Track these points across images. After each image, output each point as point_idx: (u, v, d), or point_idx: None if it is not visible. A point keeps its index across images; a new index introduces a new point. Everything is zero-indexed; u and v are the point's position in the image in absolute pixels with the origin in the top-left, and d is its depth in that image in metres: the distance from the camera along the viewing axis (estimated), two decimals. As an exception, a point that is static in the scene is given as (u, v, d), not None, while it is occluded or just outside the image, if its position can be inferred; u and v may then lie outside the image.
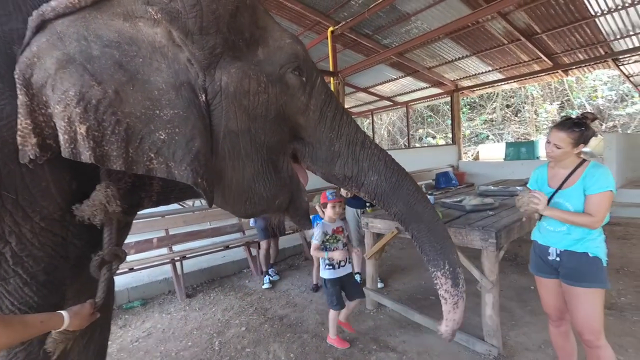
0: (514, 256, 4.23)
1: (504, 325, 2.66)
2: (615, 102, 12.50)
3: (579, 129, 1.66)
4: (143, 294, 3.84)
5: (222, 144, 1.07)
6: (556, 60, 6.92)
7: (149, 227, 4.00)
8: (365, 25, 6.30)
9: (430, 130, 14.27)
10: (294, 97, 1.21)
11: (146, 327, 3.17)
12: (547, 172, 1.87)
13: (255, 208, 1.23)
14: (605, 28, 5.75)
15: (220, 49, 1.02)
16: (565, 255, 1.73)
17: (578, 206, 1.68)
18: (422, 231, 1.36)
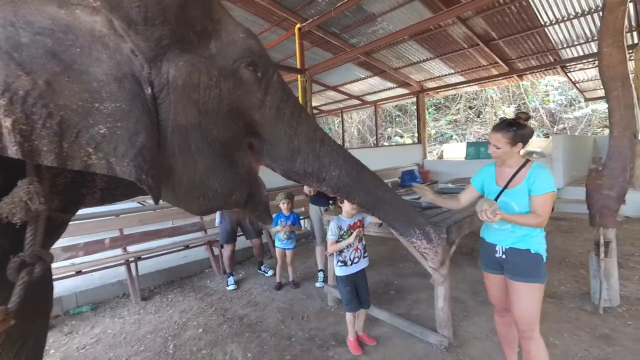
0: (471, 250, 4.42)
1: (456, 316, 2.79)
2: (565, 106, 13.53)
3: (512, 128, 1.75)
4: (93, 298, 3.62)
5: (171, 139, 1.03)
6: (512, 65, 7.34)
7: (100, 227, 3.79)
8: (333, 24, 6.33)
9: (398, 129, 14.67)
10: (249, 93, 1.19)
11: (95, 332, 2.99)
12: (494, 171, 1.94)
13: (210, 204, 1.20)
14: (554, 37, 6.18)
15: (168, 41, 0.97)
16: (510, 252, 1.81)
17: (523, 205, 1.76)
18: (388, 212, 1.52)
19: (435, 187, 4.24)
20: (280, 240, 3.61)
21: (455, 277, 3.58)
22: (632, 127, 2.74)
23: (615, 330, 2.49)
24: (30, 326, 1.19)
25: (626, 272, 3.44)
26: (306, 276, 3.98)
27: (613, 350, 2.26)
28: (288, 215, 3.61)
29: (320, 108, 11.73)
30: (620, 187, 2.78)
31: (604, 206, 2.81)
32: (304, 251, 4.93)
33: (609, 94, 2.79)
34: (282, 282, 3.71)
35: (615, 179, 2.77)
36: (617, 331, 2.47)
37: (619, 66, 2.70)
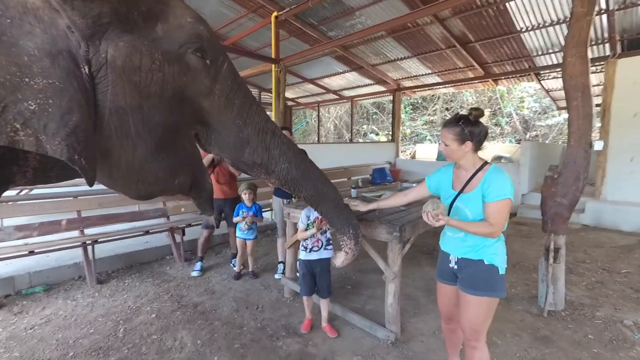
0: (431, 250, 4.53)
1: (407, 313, 2.88)
2: (538, 114, 13.96)
3: (458, 123, 1.63)
4: (47, 278, 3.55)
5: (109, 120, 1.01)
6: (487, 69, 7.48)
7: (57, 208, 3.68)
8: (311, 15, 6.27)
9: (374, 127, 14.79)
10: (196, 80, 1.18)
11: (45, 314, 2.95)
12: (452, 174, 1.81)
13: (149, 189, 1.20)
14: (529, 43, 6.31)
15: (108, 19, 0.95)
16: (463, 263, 1.70)
17: (477, 212, 1.63)
18: (330, 208, 1.64)
19: (399, 186, 4.35)
20: (241, 230, 3.63)
21: (413, 275, 3.69)
22: (588, 137, 2.77)
23: (556, 332, 2.58)
24: None
25: (575, 278, 3.59)
26: (267, 267, 4.02)
27: (550, 351, 2.35)
28: (250, 206, 3.62)
29: (297, 100, 11.63)
30: (572, 195, 2.79)
31: (556, 213, 2.85)
32: (268, 242, 4.98)
33: (569, 104, 2.80)
34: (242, 272, 3.74)
35: (569, 187, 2.79)
36: (556, 333, 2.57)
37: (581, 77, 2.70)
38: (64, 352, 2.40)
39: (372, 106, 14.45)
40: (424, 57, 7.32)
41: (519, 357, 2.30)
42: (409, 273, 3.70)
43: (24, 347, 2.45)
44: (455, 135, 1.64)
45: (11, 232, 3.32)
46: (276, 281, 3.58)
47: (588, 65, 2.73)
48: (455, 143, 1.64)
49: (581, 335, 2.55)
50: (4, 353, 2.39)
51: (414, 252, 4.40)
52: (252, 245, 3.71)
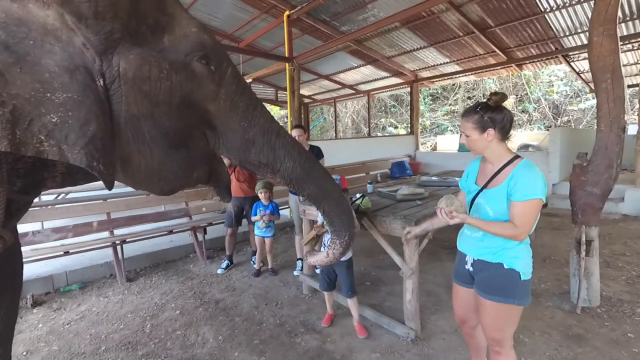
0: (453, 245, 4.28)
1: (427, 310, 2.82)
2: (570, 98, 13.11)
3: (475, 110, 1.50)
4: (83, 277, 3.78)
5: (125, 128, 1.09)
6: (510, 54, 7.14)
7: (89, 210, 3.91)
8: (323, 11, 6.22)
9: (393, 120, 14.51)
10: (202, 85, 1.24)
11: (81, 310, 3.15)
12: (478, 168, 1.65)
13: (171, 184, 1.29)
14: (555, 24, 5.94)
15: (119, 35, 1.02)
16: (479, 265, 1.56)
17: (499, 211, 1.47)
18: (332, 206, 1.61)
19: (418, 180, 4.27)
20: (259, 228, 3.71)
21: (434, 271, 3.62)
22: (620, 121, 2.58)
23: (590, 330, 2.43)
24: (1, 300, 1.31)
25: (613, 272, 3.37)
26: (285, 264, 4.08)
27: (583, 350, 2.22)
28: (267, 204, 3.68)
29: (313, 97, 11.61)
30: (605, 184, 2.61)
31: (587, 204, 2.68)
32: (287, 239, 5.05)
33: (597, 86, 2.63)
34: (261, 269, 3.83)
35: (600, 175, 2.61)
36: (591, 332, 2.42)
37: (610, 56, 2.51)
38: (97, 346, 2.57)
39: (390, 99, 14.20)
40: (441, 45, 7.10)
41: (548, 357, 2.17)
42: (429, 269, 3.64)
43: (62, 341, 2.64)
44: (475, 124, 1.48)
45: (49, 234, 3.57)
46: (295, 278, 3.63)
47: (617, 43, 2.53)
48: (475, 132, 1.49)
49: (619, 334, 2.38)
50: (45, 347, 2.58)
51: (435, 247, 4.32)
52: (270, 243, 3.78)
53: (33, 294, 3.36)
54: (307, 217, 3.23)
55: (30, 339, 2.68)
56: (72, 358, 2.44)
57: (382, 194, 3.39)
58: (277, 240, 4.90)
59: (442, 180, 4.06)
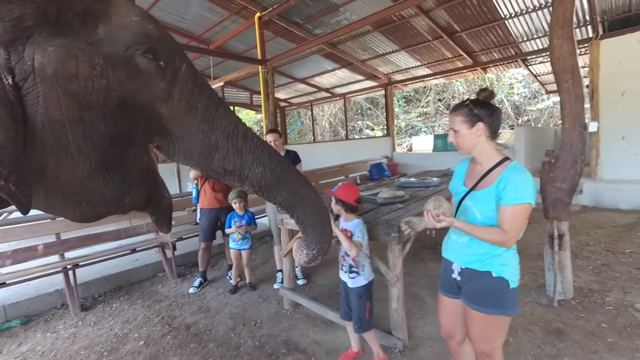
0: (435, 244, 4.35)
1: (413, 315, 2.71)
2: (529, 99, 13.95)
3: (464, 103, 1.44)
4: (27, 310, 3.28)
5: (41, 135, 0.86)
6: (476, 58, 7.41)
7: (33, 232, 3.41)
8: (295, 14, 6.13)
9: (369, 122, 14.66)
10: (150, 84, 1.04)
11: (22, 351, 2.69)
12: (466, 169, 1.59)
13: (96, 210, 1.05)
14: (514, 30, 6.25)
15: (32, 22, 0.82)
16: (466, 273, 1.47)
17: (488, 214, 1.40)
18: (307, 213, 1.45)
19: (397, 182, 4.15)
20: (234, 240, 3.41)
21: (417, 273, 3.51)
22: (582, 119, 2.73)
23: (568, 324, 2.47)
24: None
25: (580, 262, 3.49)
26: (265, 277, 3.80)
27: (565, 345, 2.23)
28: (242, 214, 3.40)
29: (290, 101, 11.48)
30: (572, 179, 2.73)
31: (557, 199, 2.76)
32: (266, 249, 4.75)
33: (560, 86, 2.76)
34: (238, 285, 3.51)
35: (567, 171, 2.72)
36: (569, 325, 2.46)
37: (569, 58, 2.67)
38: (39, 394, 2.16)
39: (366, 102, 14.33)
40: (412, 49, 7.21)
41: (533, 356, 2.17)
42: (411, 270, 3.53)
43: (-5, 393, 2.21)
44: (464, 117, 1.42)
45: (-18, 262, 3.06)
46: (275, 292, 3.36)
47: (575, 46, 2.70)
48: (464, 126, 1.42)
49: (594, 325, 2.44)
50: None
51: (416, 247, 4.21)
52: (248, 256, 3.48)
53: (-39, 335, 2.85)
54: (286, 227, 2.98)
55: (-45, 394, 2.23)
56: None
57: (362, 199, 3.20)
58: (255, 252, 4.60)
59: (421, 181, 3.98)
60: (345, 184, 2.23)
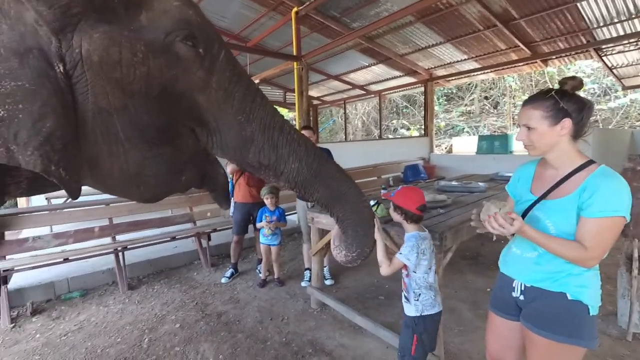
0: (475, 255, 4.14)
1: (450, 331, 2.57)
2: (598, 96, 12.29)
3: (549, 95, 1.17)
4: (84, 284, 3.66)
5: (92, 124, 0.90)
6: (535, 49, 6.64)
7: (90, 215, 3.78)
8: (332, 7, 5.95)
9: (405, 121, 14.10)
10: (188, 72, 1.04)
11: (80, 320, 3.01)
12: (534, 173, 1.34)
13: (153, 190, 1.09)
14: (587, 14, 5.39)
15: (80, 9, 0.83)
16: (532, 293, 1.25)
17: (564, 228, 1.16)
18: (347, 212, 1.39)
19: (436, 185, 3.99)
20: (264, 236, 3.50)
21: (454, 284, 3.34)
22: None
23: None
24: None
25: None
26: (293, 274, 3.87)
27: None
28: (273, 210, 3.47)
29: (322, 99, 11.35)
30: None
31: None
32: (295, 247, 4.83)
33: None
34: (267, 279, 3.62)
35: None
36: None
37: None
38: (90, 362, 2.41)
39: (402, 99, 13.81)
40: (458, 41, 6.70)
41: None
42: (448, 282, 3.35)
43: (56, 355, 2.49)
44: (546, 111, 1.16)
45: (49, 239, 3.45)
46: (302, 290, 3.41)
47: None
48: (544, 123, 1.17)
49: None
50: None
51: (455, 257, 4.01)
52: (277, 251, 3.57)
53: (33, 302, 3.25)
54: (316, 225, 3.00)
55: (25, 351, 2.55)
56: (63, 376, 2.29)
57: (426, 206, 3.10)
58: (284, 248, 4.69)
59: (464, 186, 3.76)
60: (407, 187, 1.91)
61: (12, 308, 3.11)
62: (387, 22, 5.22)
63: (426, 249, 1.74)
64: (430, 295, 1.76)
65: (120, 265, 3.62)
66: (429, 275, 1.76)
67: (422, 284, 1.75)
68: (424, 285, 1.75)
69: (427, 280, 1.75)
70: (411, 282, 1.77)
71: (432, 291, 1.77)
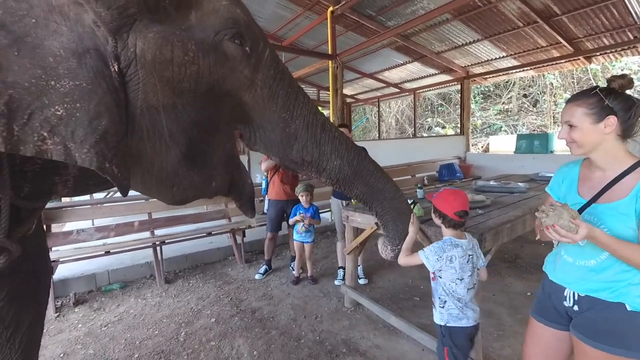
0: (514, 257, 3.98)
1: (488, 335, 2.46)
2: (645, 95, 11.57)
3: (593, 92, 1.13)
4: (124, 276, 3.81)
5: (140, 122, 0.92)
6: (578, 45, 6.34)
7: (131, 210, 3.94)
8: (368, 6, 5.91)
9: (440, 119, 13.68)
10: (235, 71, 1.05)
11: (119, 311, 3.12)
12: (578, 174, 1.28)
13: (185, 193, 1.10)
14: (635, 9, 5.09)
15: (135, 9, 0.86)
16: (587, 303, 1.18)
17: (621, 233, 1.10)
18: (386, 208, 1.43)
19: (474, 185, 3.81)
20: (298, 233, 3.48)
21: (492, 287, 3.19)
22: None
23: None
24: (23, 313, 1.20)
25: None
26: (326, 272, 3.83)
27: None
28: (307, 207, 3.45)
29: (356, 97, 11.32)
30: None
31: None
32: (328, 245, 4.79)
33: None
34: (300, 277, 3.60)
35: None
36: None
37: None
38: (130, 352, 2.48)
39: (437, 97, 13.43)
40: (497, 38, 6.46)
41: None
42: (486, 284, 3.16)
43: (98, 345, 2.59)
44: (589, 108, 1.12)
45: (92, 232, 3.63)
46: (336, 288, 3.35)
47: None
48: (587, 120, 1.12)
49: None
50: (81, 349, 2.54)
51: (493, 259, 3.83)
52: (310, 249, 3.54)
53: (76, 293, 3.41)
54: (351, 224, 2.94)
55: (68, 340, 2.66)
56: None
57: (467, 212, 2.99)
58: (318, 246, 4.66)
59: (503, 186, 3.57)
60: (450, 189, 1.79)
61: (56, 298, 3.29)
62: (424, 21, 5.13)
63: (455, 257, 1.63)
64: (457, 307, 1.66)
65: (158, 259, 3.74)
66: (457, 286, 1.65)
67: (449, 292, 1.67)
68: (451, 294, 1.66)
69: (456, 291, 1.66)
70: (437, 286, 1.71)
71: (460, 303, 1.66)
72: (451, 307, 1.66)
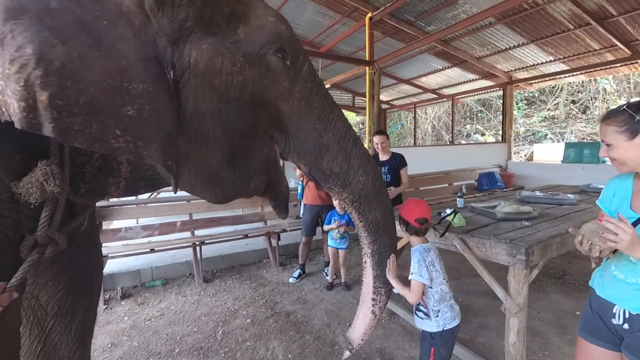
0: (561, 274, 3.73)
1: (534, 354, 2.34)
2: None
3: (621, 109, 1.14)
4: (165, 274, 4.00)
5: (189, 125, 1.00)
6: (636, 48, 5.88)
7: (173, 210, 4.14)
8: (407, 11, 5.85)
9: (479, 126, 13.12)
10: (276, 82, 1.13)
11: (161, 307, 3.28)
12: (632, 187, 1.25)
13: (226, 193, 1.18)
14: None
15: (192, 23, 0.94)
16: (638, 322, 1.17)
17: None
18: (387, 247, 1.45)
19: (518, 195, 3.61)
20: (332, 239, 3.49)
21: (537, 304, 3.02)
22: None
23: None
24: (79, 301, 1.30)
25: None
26: (359, 279, 3.71)
27: None
28: (342, 214, 3.45)
29: (391, 103, 11.18)
30: None
31: None
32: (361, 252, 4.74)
33: None
34: (334, 283, 3.59)
35: None
36: None
37: None
38: (171, 347, 2.59)
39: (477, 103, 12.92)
40: (544, 42, 6.13)
41: None
42: (531, 301, 2.98)
43: (142, 338, 2.74)
44: (620, 126, 1.13)
45: (138, 231, 3.86)
46: (369, 297, 3.30)
47: None
48: (621, 138, 1.13)
49: None
50: (127, 341, 2.70)
51: (538, 274, 3.61)
52: (344, 255, 3.53)
53: (122, 287, 3.63)
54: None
55: (115, 331, 2.84)
56: (149, 357, 2.49)
57: (476, 210, 2.89)
58: (352, 252, 4.63)
59: (551, 197, 3.35)
60: (413, 199, 1.88)
61: (105, 291, 3.51)
62: (466, 25, 5.00)
63: (434, 259, 1.72)
64: (449, 309, 1.72)
65: (197, 258, 3.90)
66: (445, 286, 1.74)
67: (440, 298, 1.71)
68: (442, 299, 1.71)
69: (445, 291, 1.73)
70: (429, 299, 1.71)
71: (450, 302, 1.74)
72: (445, 312, 1.71)
